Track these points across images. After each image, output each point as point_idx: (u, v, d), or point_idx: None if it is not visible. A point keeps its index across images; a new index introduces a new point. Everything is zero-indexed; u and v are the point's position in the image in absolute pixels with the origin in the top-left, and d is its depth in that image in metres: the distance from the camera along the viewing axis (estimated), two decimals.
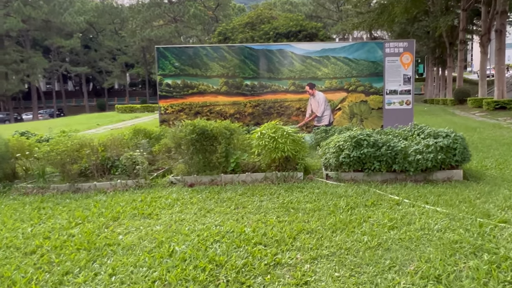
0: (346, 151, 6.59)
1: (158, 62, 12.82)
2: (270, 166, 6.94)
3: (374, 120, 12.11)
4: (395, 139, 6.94)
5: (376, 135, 6.99)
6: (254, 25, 34.73)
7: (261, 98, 12.56)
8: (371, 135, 6.71)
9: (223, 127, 6.94)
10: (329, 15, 45.62)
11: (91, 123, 21.91)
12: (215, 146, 7.00)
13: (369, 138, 6.57)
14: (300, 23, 32.79)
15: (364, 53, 12.05)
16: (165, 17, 53.65)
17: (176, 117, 12.92)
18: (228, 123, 7.15)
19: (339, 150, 6.75)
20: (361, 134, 6.65)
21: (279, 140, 6.71)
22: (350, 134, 6.71)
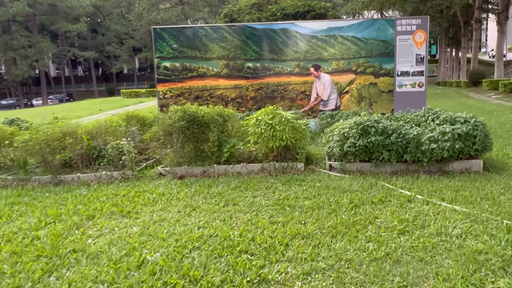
0: (352, 140, 5.87)
1: (155, 44, 12.10)
2: (268, 155, 6.27)
3: (384, 104, 11.31)
4: (406, 125, 6.19)
5: (386, 121, 6.26)
6: (261, 6, 33.61)
7: (263, 81, 11.81)
8: (380, 121, 5.98)
9: (215, 113, 6.26)
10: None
11: (94, 109, 21.39)
12: (207, 134, 6.34)
13: (377, 124, 5.84)
14: (308, 3, 31.57)
15: (373, 32, 11.17)
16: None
17: (176, 102, 12.26)
18: (221, 108, 6.46)
19: (344, 138, 6.04)
20: (369, 120, 5.92)
21: (277, 127, 6.02)
22: (356, 120, 5.98)
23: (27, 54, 51.73)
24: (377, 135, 5.79)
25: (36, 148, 6.50)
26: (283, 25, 11.80)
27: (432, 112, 6.65)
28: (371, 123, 5.85)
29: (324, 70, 11.41)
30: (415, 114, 6.95)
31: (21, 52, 50.95)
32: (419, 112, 7.03)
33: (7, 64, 51.92)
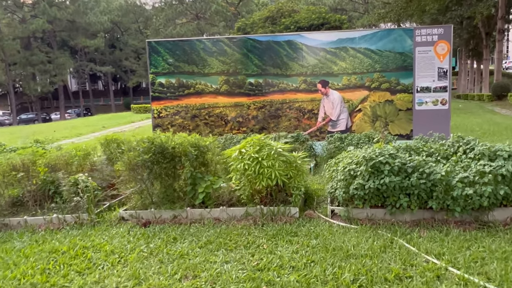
0: (360, 180, 4.47)
1: (149, 59, 10.97)
2: (254, 197, 4.91)
3: (402, 124, 9.83)
4: (430, 159, 4.75)
5: (403, 154, 4.83)
6: (275, 19, 32.51)
7: (267, 99, 10.50)
8: (395, 155, 4.56)
9: (189, 143, 4.95)
10: (354, 8, 42.69)
11: (98, 125, 20.46)
12: (179, 169, 5.02)
13: (392, 160, 4.42)
14: (322, 15, 30.30)
15: (389, 43, 9.76)
16: (187, 14, 52.10)
17: (171, 121, 11.08)
18: (197, 138, 5.15)
19: (350, 177, 4.64)
20: (381, 155, 4.50)
21: (264, 162, 4.67)
22: (366, 154, 4.57)
23: (46, 69, 51.91)
24: (393, 175, 4.37)
25: None
26: (288, 36, 10.51)
27: (463, 142, 5.18)
28: (385, 159, 4.43)
29: (334, 86, 10.04)
30: (440, 142, 5.49)
31: (40, 68, 51.14)
32: (447, 141, 5.56)
33: (27, 79, 52.17)
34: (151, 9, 57.60)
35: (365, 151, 4.82)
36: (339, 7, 41.96)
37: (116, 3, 59.21)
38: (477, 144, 4.96)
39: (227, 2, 51.31)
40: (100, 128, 19.38)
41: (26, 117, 54.64)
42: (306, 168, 5.10)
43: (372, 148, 4.90)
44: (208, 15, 49.16)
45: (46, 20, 51.39)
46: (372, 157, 4.46)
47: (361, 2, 40.85)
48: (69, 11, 53.34)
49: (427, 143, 5.90)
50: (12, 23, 52.96)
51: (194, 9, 51.46)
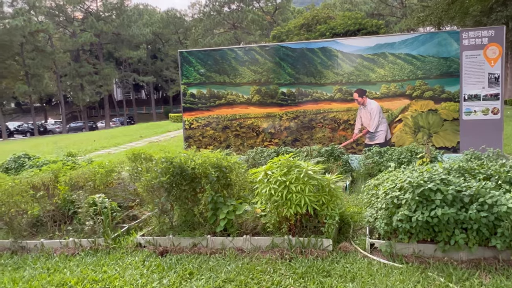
0: (405, 210, 3.70)
1: (181, 69, 10.59)
2: (282, 225, 4.24)
3: (448, 136, 8.84)
4: (489, 184, 3.90)
5: (456, 177, 4.02)
6: (310, 26, 31.72)
7: (300, 109, 9.82)
8: (449, 180, 3.76)
9: (209, 163, 4.37)
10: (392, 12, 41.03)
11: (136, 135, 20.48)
12: (199, 192, 4.45)
13: (445, 187, 3.63)
14: (359, 21, 29.19)
15: (433, 47, 8.83)
16: (224, 24, 52.26)
17: (202, 133, 10.63)
18: (220, 157, 4.55)
19: (392, 205, 3.89)
20: (431, 180, 3.72)
21: (293, 187, 4.00)
22: (412, 180, 3.80)
23: (93, 80, 53.63)
24: (446, 205, 3.57)
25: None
26: (322, 43, 9.79)
27: None
28: (436, 185, 3.65)
29: (372, 95, 9.21)
30: (500, 162, 4.59)
31: (87, 78, 52.89)
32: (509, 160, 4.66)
33: (75, 90, 54.10)
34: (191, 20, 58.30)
35: (411, 174, 4.05)
36: (376, 12, 40.50)
37: (158, 16, 60.47)
38: None
39: (263, 11, 51.02)
40: (138, 137, 19.37)
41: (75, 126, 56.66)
42: (340, 193, 4.38)
43: (418, 171, 4.12)
44: (244, 24, 49.03)
45: (93, 33, 53.19)
46: (420, 183, 3.69)
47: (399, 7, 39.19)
48: (115, 24, 54.98)
49: (483, 163, 5.00)
50: (63, 37, 55.24)
51: (231, 19, 51.52)
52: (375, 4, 40.67)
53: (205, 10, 53.61)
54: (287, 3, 51.14)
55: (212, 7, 52.53)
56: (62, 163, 7.88)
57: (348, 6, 41.61)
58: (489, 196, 3.58)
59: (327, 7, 36.90)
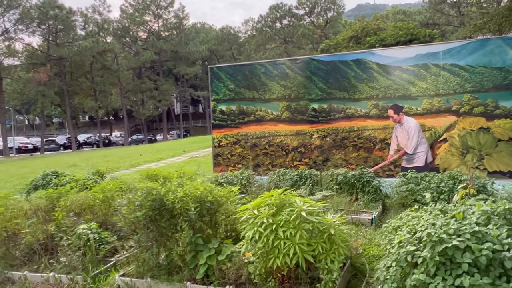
0: (421, 273, 2.70)
1: (211, 85, 10.08)
2: (269, 276, 3.38)
3: (503, 158, 7.40)
4: None
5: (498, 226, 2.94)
6: (359, 38, 30.26)
7: (332, 126, 8.84)
8: (485, 234, 2.71)
9: (192, 198, 3.63)
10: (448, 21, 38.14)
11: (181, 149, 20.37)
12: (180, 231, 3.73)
13: (478, 245, 2.59)
14: (410, 31, 27.30)
15: (484, 56, 7.49)
16: (276, 39, 52.00)
17: (231, 151, 9.98)
18: (208, 189, 3.80)
19: (406, 263, 2.88)
20: (457, 232, 2.70)
21: (281, 231, 3.15)
22: (433, 229, 2.79)
23: (152, 95, 55.66)
24: (478, 270, 2.53)
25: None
26: (356, 55, 8.78)
27: None
28: (464, 241, 2.62)
29: (412, 111, 8.02)
30: None
31: (148, 94, 55.01)
32: None
33: (137, 104, 56.49)
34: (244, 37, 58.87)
35: (435, 219, 3.03)
36: (431, 21, 37.90)
37: (213, 33, 61.76)
38: None
39: (314, 25, 50.09)
40: (181, 152, 19.25)
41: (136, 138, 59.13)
42: (346, 238, 3.43)
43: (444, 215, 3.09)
44: (295, 38, 48.39)
45: (154, 51, 55.40)
46: (442, 237, 2.67)
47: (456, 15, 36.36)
48: (173, 42, 56.90)
49: None
50: (127, 56, 58.16)
51: (283, 33, 51.15)
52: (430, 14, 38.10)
53: (257, 26, 53.79)
54: (338, 16, 49.82)
55: (264, 23, 52.57)
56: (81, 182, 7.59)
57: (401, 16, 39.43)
58: None
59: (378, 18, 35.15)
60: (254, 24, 54.40)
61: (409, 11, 40.96)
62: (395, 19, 38.27)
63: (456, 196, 5.22)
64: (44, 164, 17.48)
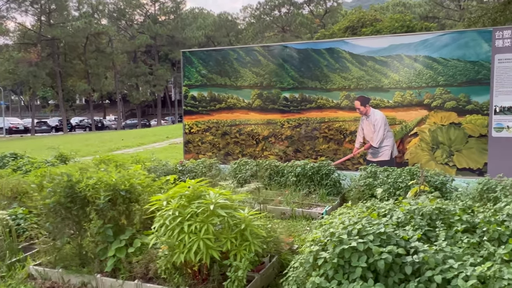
0: (317, 277, 2.50)
1: (183, 70, 9.81)
2: (177, 272, 3.19)
3: (472, 155, 7.20)
4: (466, 241, 2.58)
5: (418, 226, 2.75)
6: (355, 29, 29.83)
7: (302, 116, 8.61)
8: (390, 236, 2.51)
9: (104, 185, 3.42)
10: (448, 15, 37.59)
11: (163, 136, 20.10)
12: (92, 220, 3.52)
13: (378, 248, 2.39)
14: (407, 23, 26.89)
15: (458, 49, 7.24)
16: (273, 27, 51.35)
17: (201, 138, 9.74)
18: (126, 177, 3.58)
19: (308, 264, 2.68)
20: (362, 232, 2.50)
21: (185, 225, 2.94)
22: (336, 229, 2.60)
23: (147, 80, 55.16)
24: (378, 276, 2.33)
25: None
26: (329, 43, 8.51)
27: None
28: (365, 243, 2.41)
29: (384, 103, 7.78)
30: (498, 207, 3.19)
31: (142, 79, 54.50)
32: None
33: (130, 89, 56.04)
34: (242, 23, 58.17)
35: (350, 218, 2.83)
36: (431, 15, 37.38)
37: (211, 19, 60.96)
38: None
39: (313, 14, 49.45)
40: (164, 138, 19.01)
41: (130, 123, 58.80)
42: (261, 232, 3.23)
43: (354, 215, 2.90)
44: (293, 27, 47.81)
45: (150, 36, 54.73)
46: (341, 238, 2.47)
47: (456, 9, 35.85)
48: (170, 27, 56.21)
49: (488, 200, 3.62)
50: (122, 39, 57.48)
51: (281, 22, 50.50)
52: (429, 7, 37.56)
53: (256, 14, 53.10)
54: (337, 6, 49.13)
55: (262, 11, 51.88)
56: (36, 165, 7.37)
57: (401, 8, 38.85)
58: (448, 266, 2.28)
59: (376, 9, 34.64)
60: (252, 11, 53.71)
61: (409, 3, 40.39)
62: (394, 11, 37.71)
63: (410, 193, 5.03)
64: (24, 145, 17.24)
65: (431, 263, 2.28)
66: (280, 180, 6.61)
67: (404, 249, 2.46)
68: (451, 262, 2.29)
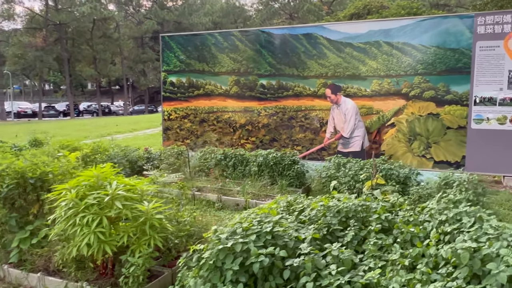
0: (192, 278, 2.27)
1: (162, 55, 9.56)
2: (77, 265, 3.00)
3: (450, 147, 6.85)
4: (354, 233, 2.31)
5: (321, 230, 2.49)
6: (360, 16, 28.97)
7: (279, 104, 8.32)
8: (289, 234, 2.25)
9: (12, 171, 3.23)
10: (460, 3, 36.47)
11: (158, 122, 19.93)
12: None
13: (267, 243, 2.15)
14: (414, 11, 26.03)
15: (438, 36, 6.83)
16: (281, 14, 50.53)
17: (180, 125, 9.53)
18: (36, 163, 3.38)
19: (195, 263, 2.45)
20: (249, 229, 2.25)
21: (78, 218, 2.74)
22: (228, 226, 2.35)
23: (155, 66, 54.97)
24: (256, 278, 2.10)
25: None
26: (307, 28, 8.16)
27: None
28: (247, 242, 2.17)
29: (361, 92, 7.44)
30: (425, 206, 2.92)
31: (148, 65, 54.37)
32: None
33: (137, 75, 55.97)
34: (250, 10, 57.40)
35: (257, 214, 2.58)
36: (442, 2, 36.20)
37: (218, 5, 60.23)
38: None
39: (321, 1, 48.40)
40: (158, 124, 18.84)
41: (137, 109, 58.88)
42: (167, 227, 3.01)
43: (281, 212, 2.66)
44: (300, 14, 46.88)
45: (157, 22, 54.36)
46: (220, 237, 2.23)
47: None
48: (177, 13, 55.72)
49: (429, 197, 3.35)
50: (129, 25, 57.24)
51: (288, 8, 49.58)
52: None
53: (263, 0, 52.20)
54: None
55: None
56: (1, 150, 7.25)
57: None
58: (315, 276, 2.03)
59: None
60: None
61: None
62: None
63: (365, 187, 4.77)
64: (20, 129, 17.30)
65: (308, 268, 2.03)
66: (244, 170, 6.37)
67: (293, 251, 2.22)
68: (332, 268, 2.04)
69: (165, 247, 3.17)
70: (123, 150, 6.79)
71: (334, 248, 2.21)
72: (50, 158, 3.63)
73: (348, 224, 2.73)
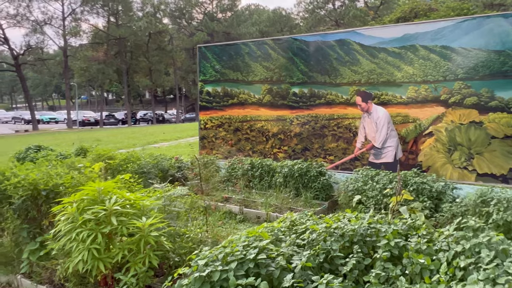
0: None
1: (199, 65, 9.61)
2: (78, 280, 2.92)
3: (495, 159, 6.14)
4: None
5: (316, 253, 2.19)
6: (407, 20, 27.63)
7: (311, 113, 7.99)
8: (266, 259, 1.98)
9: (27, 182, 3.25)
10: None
11: None
12: None
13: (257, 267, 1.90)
14: (464, 12, 24.39)
15: (481, 37, 6.18)
16: (326, 21, 49.69)
17: (215, 134, 9.49)
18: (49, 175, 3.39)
19: None
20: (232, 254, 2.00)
21: (75, 233, 2.66)
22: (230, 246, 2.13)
23: None
24: None
25: None
26: (340, 34, 7.76)
27: None
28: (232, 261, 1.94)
29: (396, 99, 6.92)
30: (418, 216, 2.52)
31: None
32: None
33: (189, 85, 57.63)
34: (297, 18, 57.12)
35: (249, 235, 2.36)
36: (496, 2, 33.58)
37: (265, 15, 60.58)
38: None
39: (367, 6, 47.02)
40: None
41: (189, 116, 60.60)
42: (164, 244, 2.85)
43: None
44: (346, 20, 45.83)
45: (207, 33, 55.75)
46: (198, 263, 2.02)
47: None
48: (226, 24, 56.83)
49: None
50: (182, 37, 59.24)
51: (334, 15, 48.71)
52: None
53: (309, 8, 51.75)
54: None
55: (316, 4, 50.41)
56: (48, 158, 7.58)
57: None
58: None
59: None
60: (306, 5, 52.39)
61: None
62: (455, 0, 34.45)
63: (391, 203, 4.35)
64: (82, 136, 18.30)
65: None
66: (270, 181, 6.12)
67: (278, 281, 1.96)
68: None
69: (166, 264, 3.02)
70: (155, 159, 6.82)
71: (323, 281, 1.92)
72: (66, 170, 3.64)
73: (353, 249, 2.41)
